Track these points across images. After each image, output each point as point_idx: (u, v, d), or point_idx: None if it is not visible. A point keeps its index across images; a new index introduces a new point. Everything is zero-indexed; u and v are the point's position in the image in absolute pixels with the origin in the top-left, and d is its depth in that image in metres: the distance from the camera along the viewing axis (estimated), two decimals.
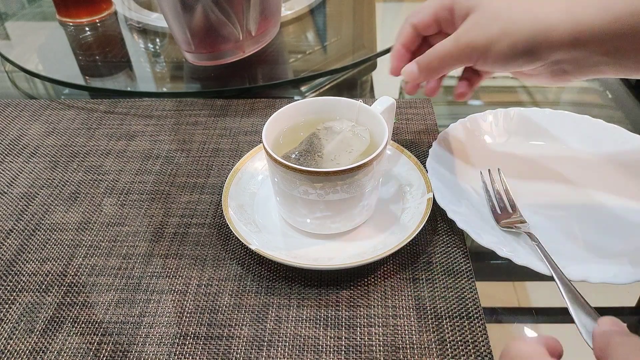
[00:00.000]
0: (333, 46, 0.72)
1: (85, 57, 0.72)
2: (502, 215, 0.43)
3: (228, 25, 0.60)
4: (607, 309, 0.38)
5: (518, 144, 0.51)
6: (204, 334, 0.37)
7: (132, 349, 0.36)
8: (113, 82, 0.67)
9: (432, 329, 0.36)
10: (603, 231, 0.42)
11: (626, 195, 0.45)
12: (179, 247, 0.43)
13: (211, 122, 0.58)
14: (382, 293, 0.39)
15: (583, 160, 0.49)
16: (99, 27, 0.79)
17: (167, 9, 0.60)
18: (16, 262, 0.42)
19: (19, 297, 0.40)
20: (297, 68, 0.68)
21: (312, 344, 0.36)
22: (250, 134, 0.55)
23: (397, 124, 0.55)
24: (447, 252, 0.42)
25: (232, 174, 0.46)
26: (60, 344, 0.36)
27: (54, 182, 0.50)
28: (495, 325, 0.37)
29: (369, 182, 0.39)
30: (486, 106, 0.58)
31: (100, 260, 0.42)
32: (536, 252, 0.39)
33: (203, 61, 0.65)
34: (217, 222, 0.45)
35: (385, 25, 0.80)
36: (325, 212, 0.39)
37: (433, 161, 0.47)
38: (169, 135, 0.56)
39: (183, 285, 0.40)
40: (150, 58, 0.72)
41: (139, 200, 0.48)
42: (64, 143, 0.56)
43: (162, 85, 0.67)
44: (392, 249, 0.39)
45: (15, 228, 0.46)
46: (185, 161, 0.52)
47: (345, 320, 0.37)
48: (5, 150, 0.55)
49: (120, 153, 0.54)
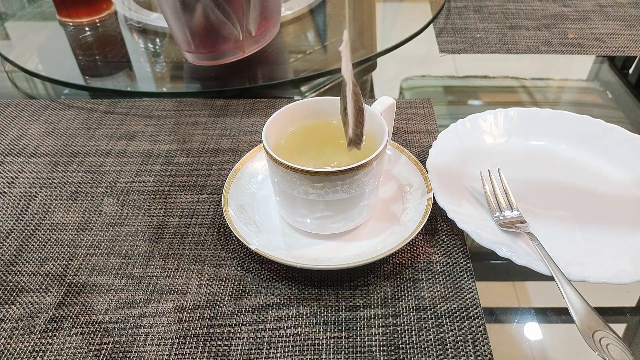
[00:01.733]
0: (333, 46, 0.72)
1: (85, 57, 0.72)
2: (502, 215, 0.43)
3: (228, 25, 0.60)
4: (607, 309, 0.38)
5: (518, 144, 0.51)
6: (204, 334, 0.37)
7: (132, 349, 0.36)
8: (113, 82, 0.67)
9: (432, 329, 0.36)
10: (603, 231, 0.42)
11: (626, 196, 0.45)
12: (179, 247, 0.43)
13: (211, 122, 0.58)
14: (382, 293, 0.39)
15: (583, 161, 0.49)
16: (99, 27, 0.79)
17: (167, 9, 0.60)
18: (16, 262, 0.42)
19: (19, 297, 0.40)
20: (297, 68, 0.68)
21: (312, 344, 0.36)
22: (250, 134, 0.55)
23: (397, 124, 0.55)
24: (447, 252, 0.42)
25: (232, 174, 0.46)
26: (60, 344, 0.36)
27: (54, 182, 0.50)
28: (495, 325, 0.37)
29: (369, 182, 0.39)
30: (486, 106, 0.58)
31: (100, 260, 0.42)
32: (536, 252, 0.39)
33: (203, 61, 0.65)
34: (217, 222, 0.45)
35: (385, 25, 0.80)
36: (325, 212, 0.39)
37: (433, 161, 0.47)
38: (169, 135, 0.56)
39: (183, 285, 0.40)
40: (150, 58, 0.72)
41: (139, 200, 0.48)
42: (64, 143, 0.56)
43: (162, 85, 0.67)
44: (392, 249, 0.39)
45: (15, 228, 0.46)
46: (185, 161, 0.52)
47: (345, 320, 0.37)
48: (5, 150, 0.55)
49: (120, 153, 0.54)
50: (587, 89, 0.65)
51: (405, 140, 0.53)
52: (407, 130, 0.55)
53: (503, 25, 0.76)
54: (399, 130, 0.55)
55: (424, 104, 0.59)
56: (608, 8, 0.80)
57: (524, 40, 0.72)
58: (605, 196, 0.45)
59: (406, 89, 0.65)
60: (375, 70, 0.70)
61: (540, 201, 0.45)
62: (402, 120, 0.56)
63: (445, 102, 0.62)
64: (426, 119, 0.57)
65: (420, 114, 0.57)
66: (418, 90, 0.66)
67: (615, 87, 0.64)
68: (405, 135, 0.54)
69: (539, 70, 0.67)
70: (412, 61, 0.70)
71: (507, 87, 0.65)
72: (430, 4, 0.83)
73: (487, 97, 0.64)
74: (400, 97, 0.63)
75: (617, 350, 0.32)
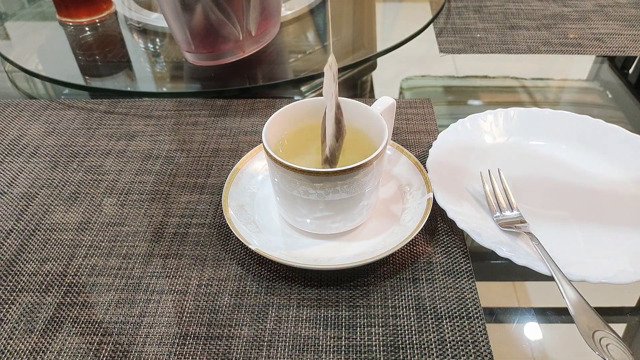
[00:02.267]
0: (333, 46, 0.72)
1: (85, 57, 0.72)
2: (502, 215, 0.43)
3: (228, 25, 0.60)
4: (607, 309, 0.38)
5: (518, 144, 0.51)
6: (204, 334, 0.37)
7: (132, 349, 0.36)
8: (113, 82, 0.67)
9: (432, 329, 0.36)
10: (603, 231, 0.42)
11: (626, 195, 0.45)
12: (179, 247, 0.43)
13: (211, 122, 0.58)
14: (382, 293, 0.39)
15: (583, 161, 0.49)
16: (99, 27, 0.79)
17: (167, 9, 0.60)
18: (16, 262, 0.42)
19: (19, 297, 0.40)
20: (297, 68, 0.68)
21: (312, 344, 0.36)
22: (250, 134, 0.55)
23: (397, 124, 0.55)
24: (447, 252, 0.42)
25: (232, 174, 0.46)
26: (60, 344, 0.36)
27: (54, 182, 0.50)
28: (495, 325, 0.37)
29: (369, 182, 0.39)
30: (486, 106, 0.58)
31: (100, 260, 0.42)
32: (536, 252, 0.39)
33: (203, 61, 0.65)
34: (217, 222, 0.45)
35: (385, 25, 0.80)
36: (325, 212, 0.39)
37: (433, 161, 0.47)
38: (169, 135, 0.56)
39: (183, 285, 0.40)
40: (150, 58, 0.72)
41: (139, 200, 0.48)
42: (64, 143, 0.56)
43: (162, 85, 0.67)
44: (392, 249, 0.39)
45: (15, 228, 0.46)
46: (185, 161, 0.52)
47: (345, 320, 0.37)
48: (5, 150, 0.55)
49: (120, 153, 0.54)
50: (587, 89, 0.65)
51: (405, 140, 0.53)
52: (407, 130, 0.55)
53: (503, 25, 0.76)
54: (399, 130, 0.55)
55: (424, 104, 0.59)
56: (608, 8, 0.80)
57: (524, 40, 0.72)
58: (605, 196, 0.45)
59: (406, 89, 0.65)
60: (375, 70, 0.70)
61: (540, 201, 0.45)
62: (402, 120, 0.56)
63: (445, 102, 0.62)
64: (426, 119, 0.57)
65: (420, 114, 0.57)
66: (418, 90, 0.66)
67: (615, 87, 0.64)
68: (405, 135, 0.54)
69: (539, 70, 0.67)
70: (412, 61, 0.70)
71: (507, 87, 0.65)
72: (430, 4, 0.83)
73: (487, 97, 0.64)
74: (400, 97, 0.63)
75: (617, 350, 0.32)
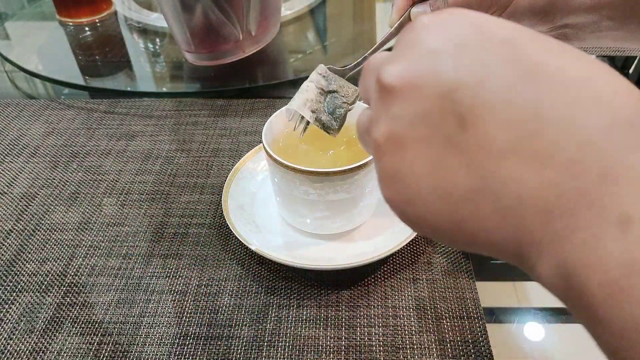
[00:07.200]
0: (333, 46, 0.72)
1: (85, 57, 0.72)
2: None
3: (228, 25, 0.60)
4: None
5: None
6: (204, 334, 0.37)
7: (132, 349, 0.36)
8: (113, 82, 0.67)
9: (432, 329, 0.36)
10: None
11: None
12: (179, 247, 0.43)
13: (211, 122, 0.58)
14: (382, 293, 0.39)
15: None
16: (99, 27, 0.79)
17: (167, 9, 0.60)
18: (16, 262, 0.42)
19: (19, 297, 0.40)
20: (297, 68, 0.68)
21: (312, 344, 0.36)
22: (250, 134, 0.55)
23: None
24: (447, 252, 0.42)
25: (232, 174, 0.46)
26: (60, 344, 0.36)
27: (54, 182, 0.50)
28: (495, 325, 0.37)
29: (369, 182, 0.39)
30: None
31: (100, 260, 0.42)
32: None
33: (203, 61, 0.65)
34: (217, 222, 0.45)
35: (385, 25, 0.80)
36: (325, 212, 0.39)
37: None
38: (169, 135, 0.56)
39: (183, 285, 0.40)
40: (150, 58, 0.72)
41: (139, 200, 0.48)
42: (64, 143, 0.56)
43: (162, 85, 0.67)
44: (392, 249, 0.39)
45: (15, 228, 0.46)
46: (185, 161, 0.52)
47: (345, 320, 0.37)
48: (5, 150, 0.55)
49: (120, 153, 0.54)
50: None
51: None
52: None
53: None
54: None
55: None
56: None
57: None
58: None
59: None
60: None
61: None
62: None
63: None
64: None
65: None
66: None
67: None
68: None
69: None
70: None
71: None
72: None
73: None
74: None
75: None
